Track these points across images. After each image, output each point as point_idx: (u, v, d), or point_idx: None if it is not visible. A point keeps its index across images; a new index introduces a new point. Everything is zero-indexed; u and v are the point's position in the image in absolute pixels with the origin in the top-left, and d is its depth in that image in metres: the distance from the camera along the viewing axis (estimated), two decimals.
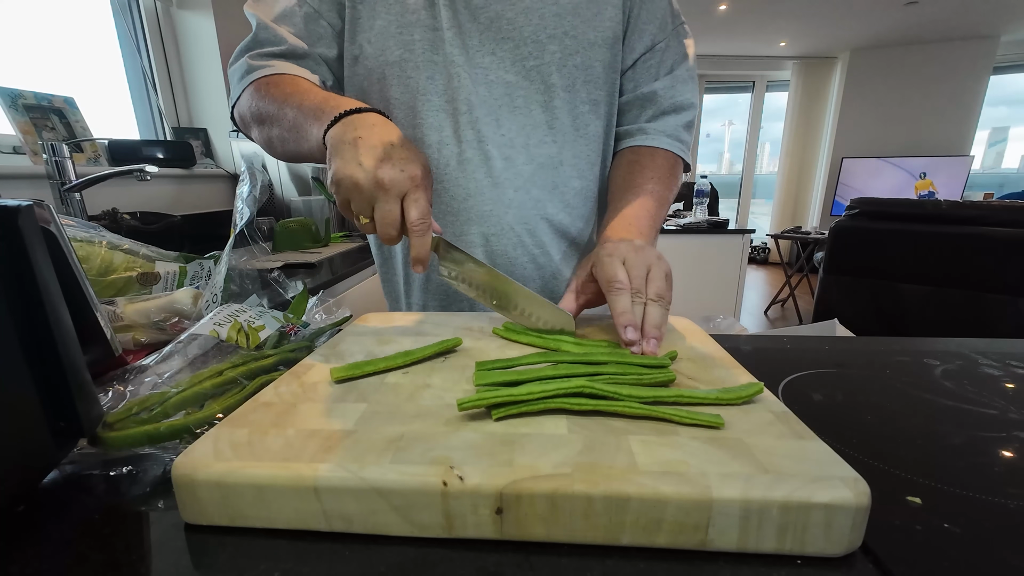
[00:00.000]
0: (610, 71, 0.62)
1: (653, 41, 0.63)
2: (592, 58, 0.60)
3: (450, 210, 0.63)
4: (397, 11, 0.58)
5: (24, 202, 0.26)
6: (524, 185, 0.61)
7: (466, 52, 0.58)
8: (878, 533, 0.25)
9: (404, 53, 0.58)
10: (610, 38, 0.60)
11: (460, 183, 0.61)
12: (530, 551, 0.24)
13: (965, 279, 1.54)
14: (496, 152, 0.60)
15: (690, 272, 2.70)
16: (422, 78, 0.59)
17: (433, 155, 0.61)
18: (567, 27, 0.58)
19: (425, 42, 0.58)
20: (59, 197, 1.05)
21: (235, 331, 0.44)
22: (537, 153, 0.61)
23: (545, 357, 0.39)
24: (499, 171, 0.60)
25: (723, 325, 0.94)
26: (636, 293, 0.44)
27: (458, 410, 0.30)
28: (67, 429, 0.29)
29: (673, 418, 0.29)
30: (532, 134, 0.61)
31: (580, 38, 0.59)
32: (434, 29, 0.58)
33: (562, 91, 0.60)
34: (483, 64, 0.58)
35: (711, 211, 3.40)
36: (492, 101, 0.59)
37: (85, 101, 1.26)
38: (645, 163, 0.63)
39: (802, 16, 3.97)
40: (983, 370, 0.49)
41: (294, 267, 1.18)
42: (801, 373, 0.48)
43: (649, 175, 0.61)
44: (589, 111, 0.62)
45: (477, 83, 0.58)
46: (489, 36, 0.58)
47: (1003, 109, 5.29)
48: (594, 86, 0.61)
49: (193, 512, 0.26)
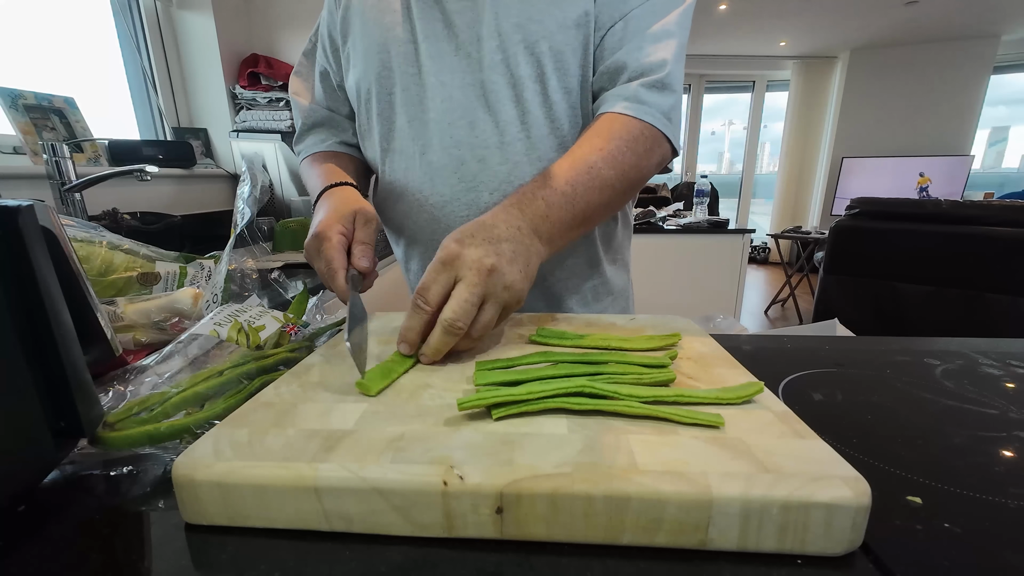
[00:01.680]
0: (582, 55, 0.57)
1: (627, 8, 0.55)
2: (562, 42, 0.55)
3: (431, 218, 0.64)
4: (376, 32, 0.61)
5: (24, 202, 0.26)
6: (499, 187, 0.60)
7: (440, 59, 0.58)
8: (878, 533, 0.25)
9: (382, 70, 0.61)
10: (580, 16, 0.55)
11: (438, 190, 0.62)
12: (530, 551, 0.24)
13: (965, 279, 1.54)
14: (470, 155, 0.60)
15: (690, 272, 2.70)
16: (398, 91, 0.61)
17: (412, 166, 0.63)
18: (531, 12, 0.55)
19: (400, 57, 0.60)
20: (59, 197, 1.05)
21: (235, 331, 0.44)
22: (511, 152, 0.59)
23: (545, 357, 0.39)
24: (473, 174, 0.60)
25: (723, 325, 0.94)
26: (423, 304, 0.39)
27: (458, 410, 0.30)
28: (67, 429, 0.29)
29: (673, 418, 0.29)
30: (506, 131, 0.59)
31: (546, 22, 0.55)
32: (409, 42, 0.59)
33: (531, 82, 0.57)
34: (458, 69, 0.58)
35: (711, 211, 3.40)
36: (467, 104, 0.59)
37: (85, 101, 1.26)
38: (592, 131, 0.54)
39: (802, 16, 3.97)
40: (983, 370, 0.49)
41: (294, 267, 1.18)
42: (801, 373, 0.48)
43: (593, 146, 0.52)
44: (562, 99, 0.58)
45: (452, 88, 0.58)
46: (461, 38, 0.58)
47: (1002, 109, 5.29)
48: (565, 72, 0.57)
49: (193, 512, 0.26)
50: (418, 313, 0.40)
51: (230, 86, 1.67)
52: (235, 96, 1.69)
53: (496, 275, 0.40)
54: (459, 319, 0.38)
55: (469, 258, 0.40)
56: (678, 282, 2.68)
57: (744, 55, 5.08)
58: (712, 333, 0.51)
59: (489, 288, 0.40)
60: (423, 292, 0.40)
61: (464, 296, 0.39)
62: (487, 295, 0.40)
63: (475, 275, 0.40)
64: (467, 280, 0.39)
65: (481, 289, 0.39)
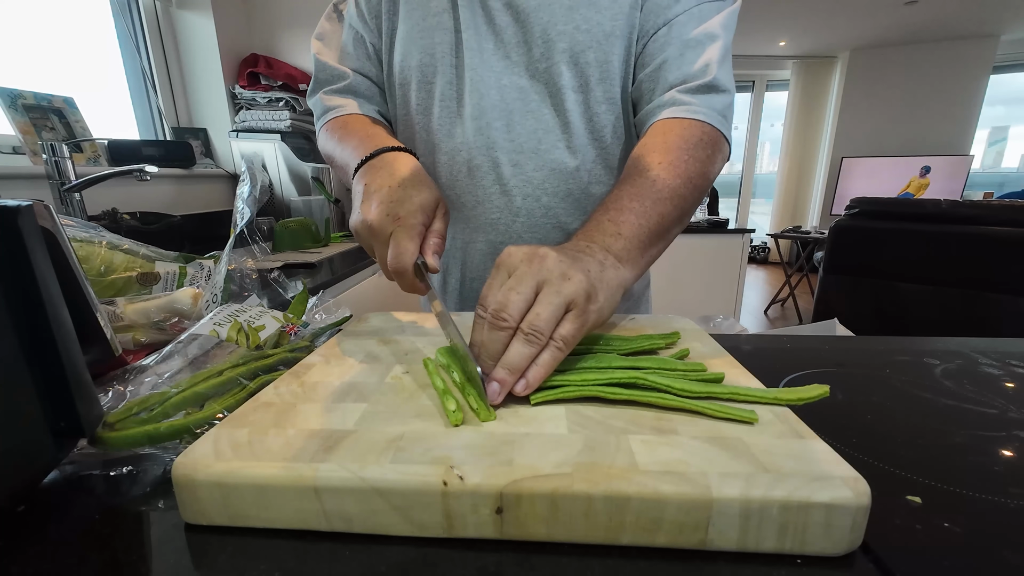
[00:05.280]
0: (627, 64, 0.56)
1: (671, 15, 0.53)
2: (608, 52, 0.55)
3: (461, 217, 0.63)
4: (420, 15, 0.58)
5: (24, 202, 0.26)
6: (534, 192, 0.60)
7: (482, 55, 0.57)
8: (878, 533, 0.25)
9: (424, 57, 0.58)
10: (626, 25, 0.54)
11: (470, 190, 0.61)
12: (530, 551, 0.24)
13: (965, 279, 1.54)
14: (505, 158, 0.59)
15: (690, 272, 2.70)
16: (439, 82, 0.59)
17: (446, 161, 0.61)
18: (579, 21, 0.54)
19: (444, 45, 0.58)
20: (59, 197, 1.05)
21: (235, 331, 0.44)
22: (549, 159, 0.59)
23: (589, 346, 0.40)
24: (507, 178, 0.60)
25: (723, 325, 0.94)
26: (499, 321, 0.33)
27: (531, 403, 0.32)
28: (67, 429, 0.29)
29: (707, 412, 0.29)
30: (543, 139, 0.58)
31: (594, 31, 0.54)
32: (454, 31, 0.57)
33: (573, 91, 0.56)
34: (497, 68, 0.57)
35: (711, 211, 3.39)
36: (504, 106, 0.58)
37: (85, 101, 1.26)
38: (646, 145, 0.50)
39: (802, 16, 3.97)
40: (983, 369, 0.49)
41: (294, 267, 1.18)
42: (801, 373, 0.48)
43: (651, 160, 0.47)
44: (606, 111, 0.58)
45: (490, 87, 0.57)
46: (505, 38, 0.57)
47: (1000, 108, 5.28)
48: (611, 83, 0.56)
49: (193, 512, 0.25)
50: (482, 324, 0.34)
51: (230, 86, 1.67)
52: (235, 96, 1.69)
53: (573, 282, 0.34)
54: (541, 329, 0.32)
55: (548, 263, 0.35)
56: (678, 282, 2.68)
57: (744, 55, 5.07)
58: (712, 333, 0.51)
59: (572, 293, 0.34)
60: (483, 303, 0.34)
61: (553, 303, 0.33)
62: (571, 302, 0.34)
63: (558, 281, 0.34)
64: (557, 287, 0.34)
65: (562, 299, 0.33)
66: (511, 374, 0.32)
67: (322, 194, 1.62)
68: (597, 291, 0.35)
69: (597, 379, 0.33)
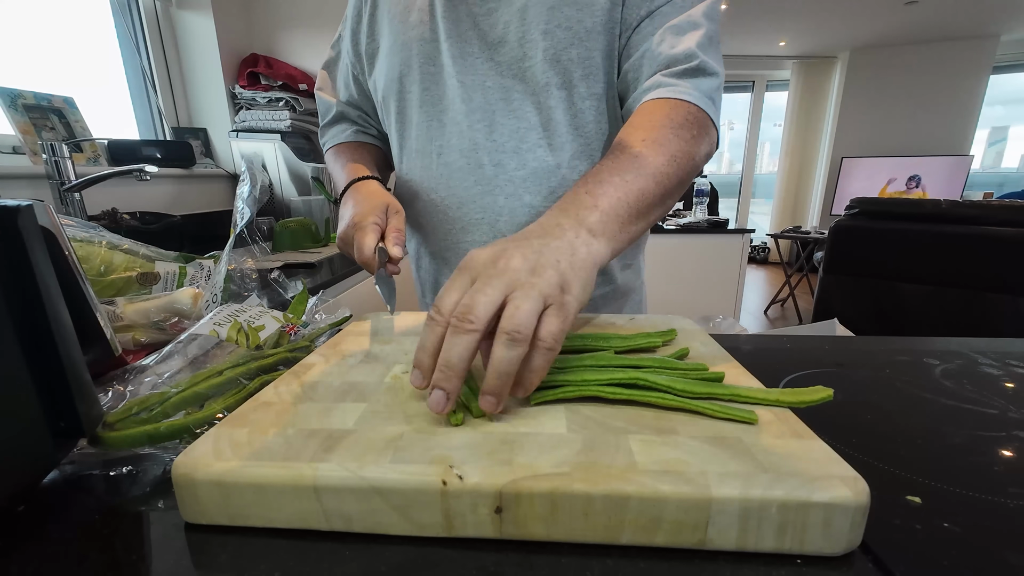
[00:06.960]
0: (610, 59, 0.56)
1: (654, 6, 0.53)
2: (591, 48, 0.55)
3: (445, 219, 0.64)
4: (399, 29, 0.61)
5: (24, 202, 0.26)
6: (515, 191, 0.60)
7: (463, 60, 0.58)
8: (878, 532, 0.25)
9: (403, 68, 0.61)
10: (608, 22, 0.54)
11: (453, 192, 0.62)
12: (530, 550, 0.24)
13: (965, 279, 1.54)
14: (487, 159, 0.60)
15: (690, 272, 2.69)
16: (418, 90, 0.61)
17: (429, 166, 0.63)
18: (560, 19, 0.54)
19: (422, 55, 0.60)
20: (59, 197, 1.05)
21: (235, 331, 0.44)
22: (530, 157, 0.59)
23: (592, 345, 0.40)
24: (489, 178, 0.60)
25: (723, 325, 0.94)
26: (464, 324, 0.29)
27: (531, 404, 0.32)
28: (67, 429, 0.29)
29: (707, 411, 0.29)
30: (525, 137, 0.59)
31: (575, 28, 0.54)
32: (432, 41, 0.59)
33: (556, 89, 0.57)
34: (480, 71, 0.58)
35: (711, 211, 3.40)
36: (487, 107, 0.59)
37: (85, 101, 1.26)
38: (631, 124, 0.49)
39: (802, 16, 3.97)
40: (983, 370, 0.49)
41: (294, 267, 1.18)
42: (801, 373, 0.48)
43: (634, 137, 0.46)
44: (590, 107, 0.58)
45: (472, 90, 0.58)
46: (487, 43, 0.57)
47: (1000, 108, 5.28)
48: (594, 79, 0.57)
49: (193, 512, 0.26)
50: (434, 327, 0.31)
51: (229, 86, 1.67)
52: (235, 96, 1.69)
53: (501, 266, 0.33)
54: (518, 328, 0.29)
55: (479, 260, 0.33)
56: (678, 282, 2.69)
57: (744, 55, 5.07)
58: (712, 333, 0.51)
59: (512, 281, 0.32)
60: (437, 306, 0.32)
61: (531, 300, 0.31)
62: (546, 297, 0.31)
63: (491, 274, 0.32)
64: (482, 280, 0.32)
65: (500, 291, 0.31)
66: (503, 382, 0.29)
67: (322, 194, 1.62)
68: (570, 281, 0.33)
69: (597, 379, 0.33)
